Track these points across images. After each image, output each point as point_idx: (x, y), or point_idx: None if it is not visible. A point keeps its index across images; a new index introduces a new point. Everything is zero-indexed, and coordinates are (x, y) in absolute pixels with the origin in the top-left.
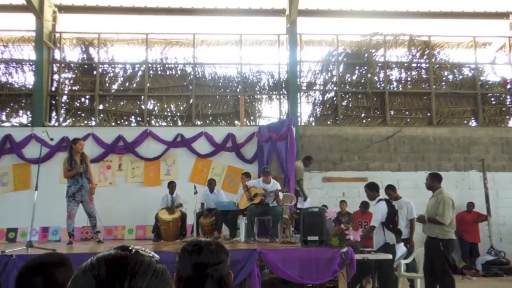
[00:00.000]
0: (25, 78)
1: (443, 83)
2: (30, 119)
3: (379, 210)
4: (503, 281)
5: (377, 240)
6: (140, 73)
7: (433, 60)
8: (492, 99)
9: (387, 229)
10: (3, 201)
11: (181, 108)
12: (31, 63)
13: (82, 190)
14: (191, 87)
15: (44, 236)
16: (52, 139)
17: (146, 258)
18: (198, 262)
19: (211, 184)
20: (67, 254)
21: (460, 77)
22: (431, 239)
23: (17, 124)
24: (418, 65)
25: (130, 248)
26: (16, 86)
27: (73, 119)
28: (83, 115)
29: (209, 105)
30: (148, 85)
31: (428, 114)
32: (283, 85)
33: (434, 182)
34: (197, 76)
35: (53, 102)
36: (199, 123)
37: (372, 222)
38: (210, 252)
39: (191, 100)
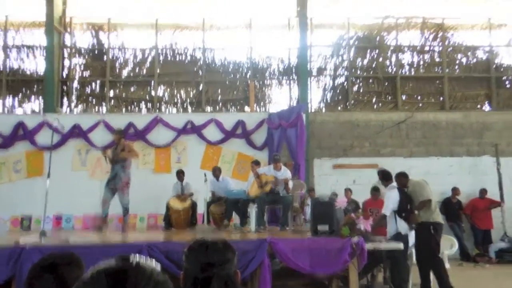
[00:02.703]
0: (36, 64)
1: (456, 67)
2: (42, 105)
3: (390, 198)
4: None
5: (389, 229)
6: (150, 58)
7: (446, 43)
8: (507, 82)
9: (400, 218)
10: (17, 188)
11: (191, 94)
12: (42, 49)
13: (115, 178)
14: (201, 73)
15: (57, 223)
16: (63, 127)
17: (147, 270)
18: (204, 261)
19: (216, 172)
20: (77, 255)
21: (474, 60)
22: (421, 224)
23: (29, 111)
24: (431, 48)
25: (130, 260)
26: (28, 72)
27: (84, 106)
28: (94, 101)
29: (219, 91)
30: (158, 71)
31: (441, 98)
32: (293, 71)
33: (400, 179)
34: (207, 61)
35: (64, 88)
36: (209, 109)
37: (383, 210)
38: (216, 251)
39: (201, 86)
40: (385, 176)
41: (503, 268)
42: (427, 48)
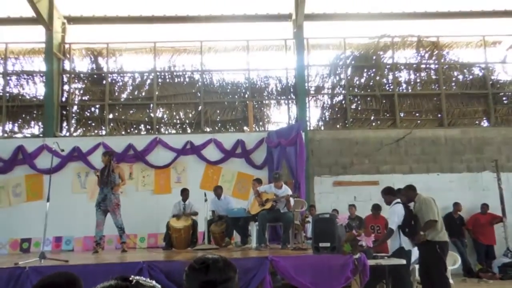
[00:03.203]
0: (36, 90)
1: (453, 84)
2: (41, 129)
3: (396, 213)
4: None
5: (392, 244)
6: (148, 81)
7: (442, 60)
8: (504, 98)
9: (403, 233)
10: (16, 211)
11: (190, 115)
12: (42, 74)
13: (106, 200)
14: (199, 94)
15: (57, 246)
16: (63, 150)
17: None
18: (206, 280)
19: (217, 191)
20: (76, 275)
21: (470, 77)
22: (426, 242)
23: (29, 135)
24: (427, 66)
25: (130, 279)
26: (27, 97)
27: (84, 129)
28: (93, 124)
29: (218, 111)
30: (156, 93)
31: (439, 115)
32: (291, 90)
33: (409, 192)
34: (205, 83)
35: (64, 112)
36: (208, 130)
37: (390, 225)
38: (218, 269)
39: (200, 107)
40: (389, 192)
41: (507, 284)
42: (423, 66)
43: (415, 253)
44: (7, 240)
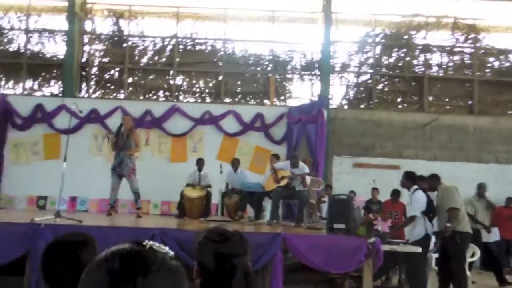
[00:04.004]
0: (57, 49)
1: (488, 70)
2: (61, 89)
3: (419, 199)
4: None
5: (418, 231)
6: (169, 47)
7: (477, 45)
8: None
9: (428, 220)
10: (34, 169)
11: (210, 84)
12: (63, 33)
13: (122, 164)
14: (220, 64)
15: (72, 205)
16: (81, 111)
17: (159, 255)
18: (224, 252)
19: (235, 163)
20: (91, 236)
21: (507, 64)
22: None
23: (49, 94)
24: (461, 50)
25: (144, 243)
26: (48, 56)
27: (103, 91)
28: (112, 87)
29: (239, 82)
30: (177, 59)
31: (469, 102)
32: (316, 66)
33: (433, 181)
34: (227, 52)
35: (83, 73)
36: (227, 100)
37: (412, 212)
38: (236, 242)
39: (220, 77)
40: (411, 177)
41: None
42: (457, 49)
43: (432, 242)
44: (24, 196)
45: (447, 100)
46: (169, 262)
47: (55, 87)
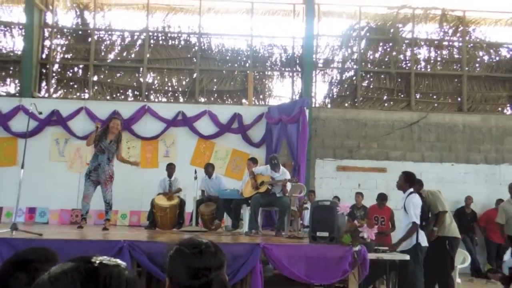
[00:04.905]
0: (14, 43)
1: (477, 65)
2: (18, 88)
3: (416, 204)
4: None
5: (407, 240)
6: (139, 42)
7: (467, 38)
8: None
9: (420, 228)
10: None
11: (184, 83)
12: (21, 27)
13: (98, 169)
14: (195, 60)
15: (30, 217)
16: (41, 113)
17: (114, 269)
18: (199, 266)
19: (208, 169)
20: (53, 250)
21: (497, 58)
22: (436, 238)
23: (4, 94)
24: (450, 43)
25: (92, 260)
26: (4, 51)
27: (65, 91)
28: (75, 86)
29: (215, 80)
30: (148, 56)
31: (458, 99)
32: (297, 61)
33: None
34: (203, 47)
35: (44, 71)
36: (202, 100)
37: (412, 218)
38: (211, 254)
39: (195, 75)
40: (410, 180)
41: None
42: (445, 43)
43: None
44: None
45: (435, 97)
46: (125, 275)
47: (11, 86)
